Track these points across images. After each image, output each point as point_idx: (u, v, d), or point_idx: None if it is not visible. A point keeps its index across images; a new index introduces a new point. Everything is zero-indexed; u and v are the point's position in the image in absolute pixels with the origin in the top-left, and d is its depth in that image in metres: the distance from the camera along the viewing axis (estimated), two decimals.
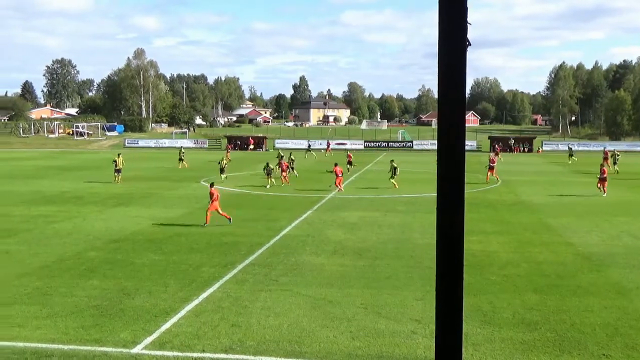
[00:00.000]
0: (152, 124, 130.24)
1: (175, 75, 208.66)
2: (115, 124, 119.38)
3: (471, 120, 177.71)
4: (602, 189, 32.73)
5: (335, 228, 23.16)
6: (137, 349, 11.06)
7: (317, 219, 25.28)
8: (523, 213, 26.97)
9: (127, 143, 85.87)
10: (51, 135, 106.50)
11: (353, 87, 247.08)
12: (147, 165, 53.08)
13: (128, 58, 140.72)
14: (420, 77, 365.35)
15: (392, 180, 35.27)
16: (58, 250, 19.18)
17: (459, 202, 2.71)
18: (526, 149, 76.53)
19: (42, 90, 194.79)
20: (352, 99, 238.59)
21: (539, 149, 77.48)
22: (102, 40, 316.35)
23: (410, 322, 12.50)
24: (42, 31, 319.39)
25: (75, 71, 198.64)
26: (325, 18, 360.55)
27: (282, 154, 45.10)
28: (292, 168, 42.37)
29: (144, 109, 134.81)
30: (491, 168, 39.72)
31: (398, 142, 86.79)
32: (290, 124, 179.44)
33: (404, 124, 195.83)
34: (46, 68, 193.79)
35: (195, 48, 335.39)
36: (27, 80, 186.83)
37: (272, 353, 10.90)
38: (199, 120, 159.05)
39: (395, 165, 35.92)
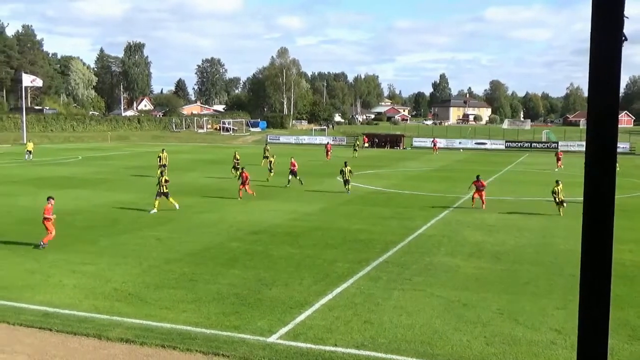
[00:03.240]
0: (293, 121, 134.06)
1: (316, 73, 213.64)
2: (259, 120, 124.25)
3: (624, 120, 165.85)
4: None
5: (473, 229, 22.59)
6: (272, 338, 11.45)
7: (454, 219, 24.79)
8: None
9: (269, 139, 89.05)
10: (200, 131, 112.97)
11: (495, 85, 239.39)
12: (287, 160, 54.64)
13: (272, 57, 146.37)
14: (568, 75, 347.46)
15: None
16: (203, 240, 20.31)
17: (609, 208, 2.54)
18: None
19: (193, 88, 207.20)
20: (494, 98, 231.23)
21: None
22: (248, 40, 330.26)
23: (549, 331, 11.91)
24: (195, 32, 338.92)
25: (223, 70, 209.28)
26: (468, 15, 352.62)
27: None
28: None
29: (285, 106, 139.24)
30: None
31: (542, 142, 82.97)
32: (429, 122, 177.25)
33: (549, 124, 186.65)
34: (197, 67, 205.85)
35: (336, 46, 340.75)
36: (180, 79, 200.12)
37: (404, 352, 10.84)
38: (337, 118, 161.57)
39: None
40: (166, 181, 26.41)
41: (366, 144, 76.65)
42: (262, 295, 14.10)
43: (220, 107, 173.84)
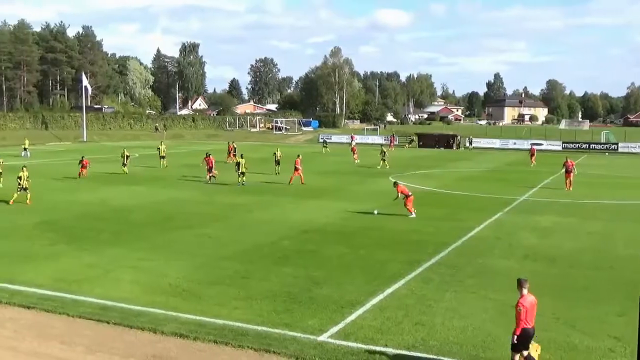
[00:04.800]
0: (345, 120, 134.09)
1: (368, 73, 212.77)
2: (311, 119, 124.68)
3: None
4: None
5: (527, 232, 22.14)
6: (323, 337, 11.49)
7: (508, 221, 24.34)
8: None
9: (321, 138, 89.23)
10: (253, 129, 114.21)
11: (552, 85, 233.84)
12: (339, 159, 54.73)
13: (325, 56, 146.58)
14: (629, 74, 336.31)
15: None
16: (256, 238, 20.53)
17: None
18: None
19: (247, 88, 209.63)
20: (551, 97, 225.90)
21: None
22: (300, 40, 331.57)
23: (608, 339, 11.58)
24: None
25: (276, 69, 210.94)
26: (526, 11, 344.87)
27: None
28: None
29: (337, 105, 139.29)
30: None
31: (601, 143, 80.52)
32: (483, 122, 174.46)
33: (608, 125, 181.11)
34: (250, 66, 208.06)
35: (388, 45, 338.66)
36: (234, 78, 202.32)
37: (455, 355, 10.72)
38: (390, 117, 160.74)
39: None
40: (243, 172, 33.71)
41: (392, 148, 74.61)
42: (313, 294, 14.16)
43: (272, 107, 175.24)
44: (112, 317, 12.42)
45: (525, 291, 9.95)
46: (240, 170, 34.57)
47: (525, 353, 9.90)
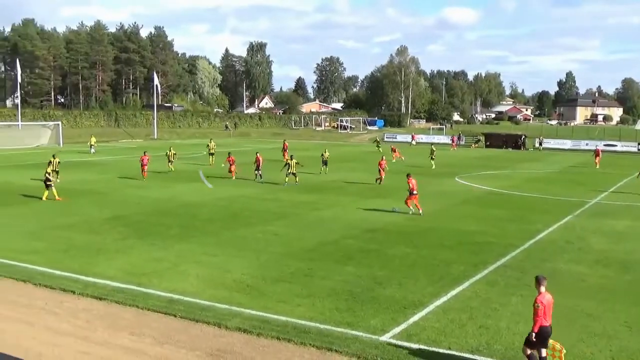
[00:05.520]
0: (410, 119, 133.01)
1: (435, 72, 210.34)
2: (376, 118, 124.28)
3: None
4: None
5: (599, 236, 21.38)
6: (385, 337, 11.44)
7: (579, 224, 23.58)
8: None
9: (386, 137, 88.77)
10: (318, 128, 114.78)
11: (627, 84, 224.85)
12: (402, 160, 54.32)
13: (391, 55, 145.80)
14: None
15: None
16: (319, 236, 20.63)
17: None
18: None
19: (313, 86, 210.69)
20: (626, 97, 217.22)
21: None
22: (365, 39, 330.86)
23: None
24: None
25: (342, 68, 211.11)
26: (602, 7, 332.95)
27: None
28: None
29: (403, 104, 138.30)
30: None
31: None
32: (554, 122, 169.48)
33: None
34: (316, 66, 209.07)
35: (456, 43, 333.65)
36: (300, 77, 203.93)
37: None
38: (456, 117, 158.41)
39: None
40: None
41: (454, 148, 73.09)
42: (375, 294, 14.13)
43: (338, 106, 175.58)
44: (179, 310, 12.74)
45: (543, 289, 9.97)
46: (290, 171, 34.54)
47: (543, 352, 9.82)
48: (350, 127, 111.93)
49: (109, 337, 11.44)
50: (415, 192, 25.14)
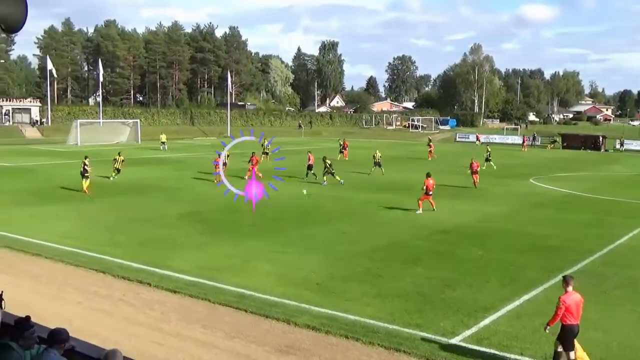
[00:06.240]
0: (484, 119, 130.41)
1: (510, 70, 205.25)
2: (448, 118, 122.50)
3: None
4: None
5: None
6: (455, 340, 11.29)
7: None
8: None
9: (458, 137, 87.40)
10: (389, 127, 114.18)
11: None
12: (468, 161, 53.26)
13: (464, 54, 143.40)
14: None
15: None
16: (388, 236, 20.54)
17: None
18: None
19: (384, 85, 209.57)
20: None
21: None
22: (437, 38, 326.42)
23: None
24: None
25: (414, 67, 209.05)
26: None
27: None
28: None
29: (476, 104, 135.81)
30: None
31: None
32: (636, 123, 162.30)
33: None
34: (388, 64, 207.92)
35: (532, 41, 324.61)
36: (371, 76, 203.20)
37: None
38: (532, 117, 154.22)
39: None
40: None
41: (525, 149, 71.05)
42: (445, 296, 13.96)
43: (409, 105, 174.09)
44: (249, 305, 12.98)
45: (570, 288, 10.17)
46: (328, 170, 34.27)
47: (572, 355, 9.91)
48: (422, 126, 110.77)
49: (182, 330, 11.78)
50: (430, 192, 25.17)
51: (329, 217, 23.95)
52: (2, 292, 6.09)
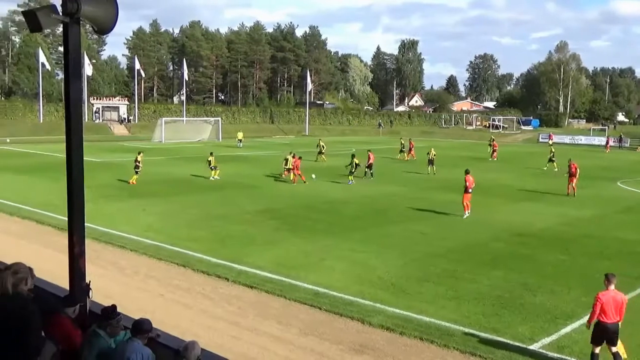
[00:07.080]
0: (569, 119, 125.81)
1: (598, 69, 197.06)
2: (531, 118, 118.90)
3: None
4: None
5: None
6: (534, 347, 10.98)
7: None
8: None
9: (541, 138, 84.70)
10: (469, 127, 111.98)
11: None
12: (560, 162, 51.53)
13: (549, 52, 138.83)
14: None
15: None
16: (464, 237, 20.17)
17: None
18: None
19: (464, 84, 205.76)
20: None
21: None
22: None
23: None
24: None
25: (495, 66, 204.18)
26: None
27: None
28: None
29: (561, 103, 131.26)
30: None
31: None
32: None
33: None
34: (469, 63, 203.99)
35: (623, 38, 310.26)
36: (452, 75, 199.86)
37: None
38: (621, 117, 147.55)
39: None
40: None
41: (607, 150, 67.70)
42: (524, 301, 13.59)
43: (490, 104, 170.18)
44: (324, 303, 13.06)
45: (612, 287, 10.05)
46: (355, 169, 34.08)
47: (613, 349, 9.83)
48: (503, 126, 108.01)
49: (258, 325, 11.99)
50: (470, 190, 24.12)
51: (405, 216, 23.75)
52: (89, 281, 6.40)
